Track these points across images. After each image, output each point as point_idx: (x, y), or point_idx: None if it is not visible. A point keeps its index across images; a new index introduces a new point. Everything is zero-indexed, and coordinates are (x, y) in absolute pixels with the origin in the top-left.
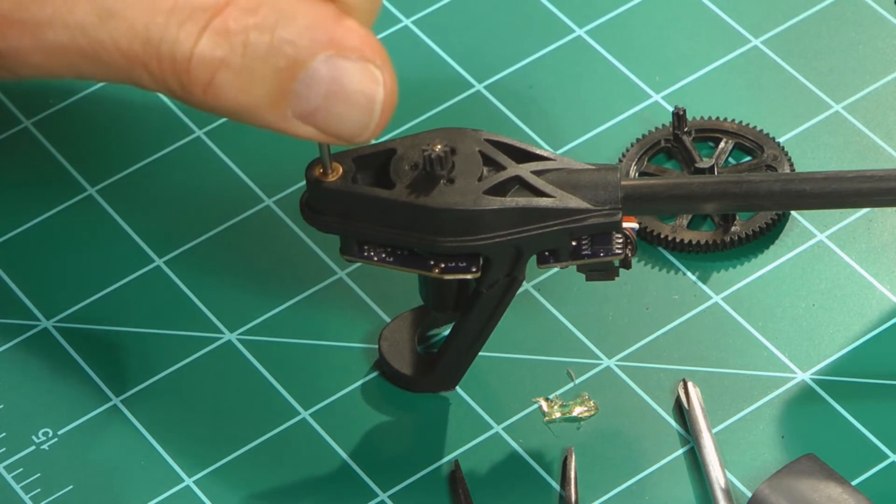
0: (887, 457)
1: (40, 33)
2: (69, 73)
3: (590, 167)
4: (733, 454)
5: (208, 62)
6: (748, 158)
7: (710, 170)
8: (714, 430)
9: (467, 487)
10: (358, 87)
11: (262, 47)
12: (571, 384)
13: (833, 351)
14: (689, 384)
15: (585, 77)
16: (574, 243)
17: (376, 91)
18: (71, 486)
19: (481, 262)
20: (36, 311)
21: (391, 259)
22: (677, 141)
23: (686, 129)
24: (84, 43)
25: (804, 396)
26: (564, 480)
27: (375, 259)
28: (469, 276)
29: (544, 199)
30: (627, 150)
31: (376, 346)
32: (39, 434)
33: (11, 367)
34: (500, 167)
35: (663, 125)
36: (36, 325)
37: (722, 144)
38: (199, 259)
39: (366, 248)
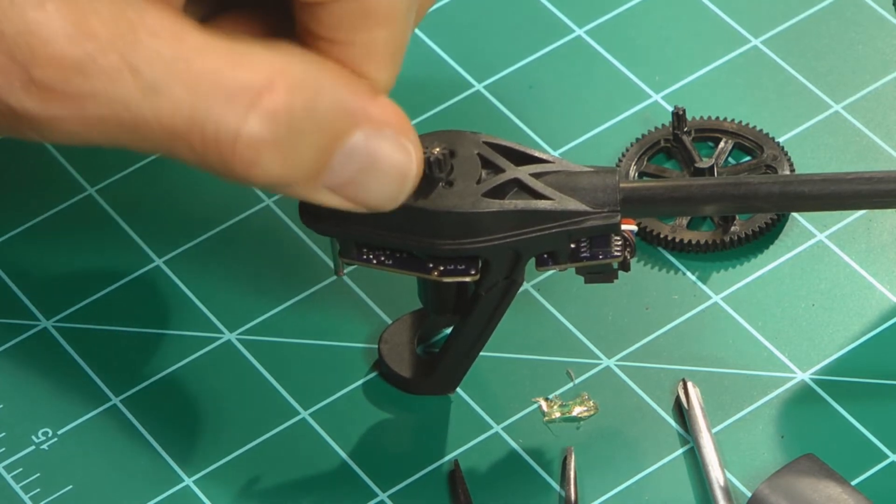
0: (887, 457)
1: (82, 104)
2: (106, 143)
3: (588, 169)
4: (733, 454)
5: (255, 143)
6: (748, 158)
7: (710, 170)
8: (714, 430)
9: (467, 487)
10: (392, 163)
11: (307, 126)
12: (571, 384)
13: (833, 351)
14: (689, 384)
15: (585, 77)
16: (573, 245)
17: (410, 165)
18: (71, 486)
19: (480, 264)
20: (36, 312)
21: (390, 262)
22: (677, 141)
23: (686, 129)
24: (126, 117)
25: (804, 396)
26: (564, 480)
27: (374, 262)
28: (468, 279)
29: (543, 201)
30: (627, 150)
31: (376, 347)
32: (39, 434)
33: (11, 367)
34: (498, 170)
35: (663, 125)
36: (36, 325)
37: (722, 144)
38: (199, 259)
39: (364, 251)
